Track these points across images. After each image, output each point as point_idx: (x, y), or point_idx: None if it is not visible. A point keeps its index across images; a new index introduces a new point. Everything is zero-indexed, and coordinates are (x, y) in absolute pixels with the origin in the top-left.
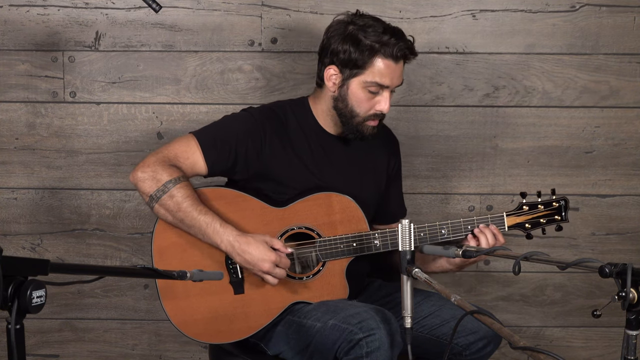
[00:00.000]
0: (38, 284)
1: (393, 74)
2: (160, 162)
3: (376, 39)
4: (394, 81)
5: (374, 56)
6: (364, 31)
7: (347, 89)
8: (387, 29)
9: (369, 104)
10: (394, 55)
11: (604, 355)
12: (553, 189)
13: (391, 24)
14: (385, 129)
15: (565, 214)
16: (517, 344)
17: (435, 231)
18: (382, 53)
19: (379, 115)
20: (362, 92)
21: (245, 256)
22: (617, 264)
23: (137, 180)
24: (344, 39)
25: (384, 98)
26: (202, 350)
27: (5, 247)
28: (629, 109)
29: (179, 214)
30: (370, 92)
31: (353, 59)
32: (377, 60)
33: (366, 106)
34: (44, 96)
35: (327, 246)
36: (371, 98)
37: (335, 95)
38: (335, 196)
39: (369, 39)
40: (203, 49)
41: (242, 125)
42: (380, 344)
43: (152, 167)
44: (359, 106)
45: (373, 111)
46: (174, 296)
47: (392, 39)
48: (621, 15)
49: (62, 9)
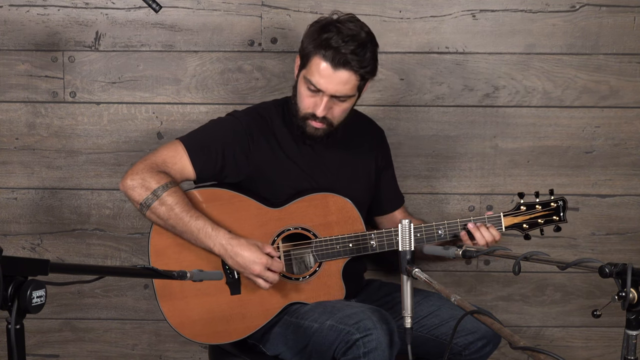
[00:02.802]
0: (38, 284)
1: (328, 80)
2: (148, 168)
3: (325, 38)
4: (329, 86)
5: (316, 54)
6: (327, 30)
7: (298, 81)
8: (348, 36)
9: (309, 102)
10: (332, 60)
11: (604, 355)
12: (551, 190)
13: (366, 34)
14: (367, 121)
15: (564, 214)
16: (517, 344)
17: (432, 231)
18: (323, 54)
19: (317, 118)
20: (304, 87)
21: (237, 259)
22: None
23: (126, 188)
24: (313, 32)
25: (321, 101)
26: (202, 350)
27: (5, 247)
28: (629, 109)
29: (170, 221)
30: (310, 89)
31: (305, 51)
32: (316, 58)
33: (306, 103)
34: (44, 96)
35: (323, 247)
36: (312, 96)
37: (293, 86)
38: (332, 197)
39: (323, 36)
40: (203, 49)
41: (228, 129)
42: (378, 344)
43: (141, 175)
44: (301, 101)
45: (311, 110)
46: (171, 297)
47: (343, 47)
48: (621, 15)
49: (62, 9)
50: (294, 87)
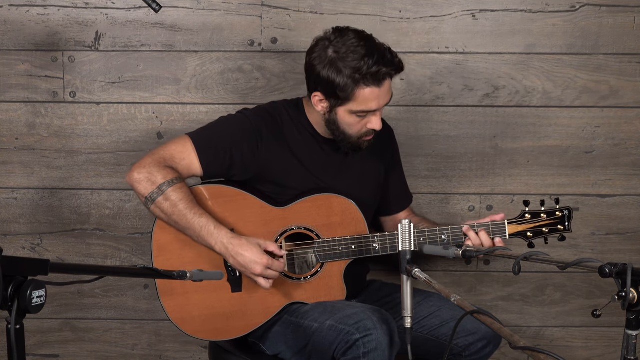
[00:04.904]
0: (38, 284)
1: (379, 98)
2: (156, 163)
3: (356, 68)
4: (381, 103)
5: (356, 87)
6: (343, 60)
7: (336, 114)
8: (368, 52)
9: (360, 125)
10: (376, 81)
11: (604, 355)
12: (557, 199)
13: (374, 40)
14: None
15: (569, 224)
16: (517, 344)
17: (435, 236)
18: (364, 82)
19: (373, 132)
20: (351, 117)
21: (238, 258)
22: (617, 264)
23: (133, 181)
24: (325, 66)
25: (375, 118)
26: (202, 350)
27: (5, 247)
28: (629, 109)
29: (174, 217)
30: (359, 116)
31: (336, 90)
32: (359, 90)
33: (358, 127)
34: (44, 96)
35: (326, 247)
36: (361, 120)
37: (326, 118)
38: (336, 198)
39: (348, 69)
40: (203, 49)
41: (237, 127)
42: (378, 345)
43: (148, 169)
44: (350, 129)
45: (365, 130)
46: (173, 293)
47: (373, 67)
48: (621, 15)
49: (62, 9)
50: (328, 120)
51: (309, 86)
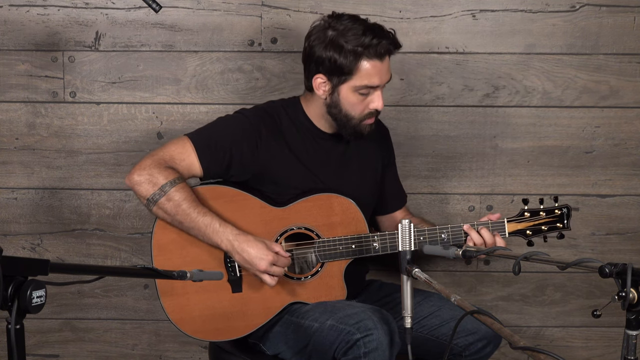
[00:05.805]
0: (38, 284)
1: (381, 72)
2: (156, 164)
3: (358, 42)
4: (382, 79)
5: (359, 60)
6: (344, 36)
7: (339, 95)
8: (367, 28)
9: (363, 105)
10: (378, 54)
11: (604, 355)
12: (556, 197)
13: (369, 21)
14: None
15: (568, 221)
16: (517, 344)
17: (435, 236)
18: (367, 55)
19: (374, 113)
20: (354, 96)
21: (243, 254)
22: (617, 264)
23: (133, 183)
24: (326, 46)
25: (377, 96)
26: (202, 350)
27: (5, 247)
28: (629, 109)
29: (177, 217)
30: (362, 94)
31: (339, 66)
32: (362, 63)
33: (360, 107)
34: (44, 96)
35: (326, 247)
36: (364, 99)
37: (327, 102)
38: (336, 197)
39: (350, 44)
40: (203, 49)
41: (237, 127)
42: (378, 344)
43: (148, 170)
44: (353, 109)
45: (368, 110)
46: (173, 293)
47: (373, 39)
48: (621, 15)
49: (62, 9)
50: (329, 104)
51: (309, 73)
